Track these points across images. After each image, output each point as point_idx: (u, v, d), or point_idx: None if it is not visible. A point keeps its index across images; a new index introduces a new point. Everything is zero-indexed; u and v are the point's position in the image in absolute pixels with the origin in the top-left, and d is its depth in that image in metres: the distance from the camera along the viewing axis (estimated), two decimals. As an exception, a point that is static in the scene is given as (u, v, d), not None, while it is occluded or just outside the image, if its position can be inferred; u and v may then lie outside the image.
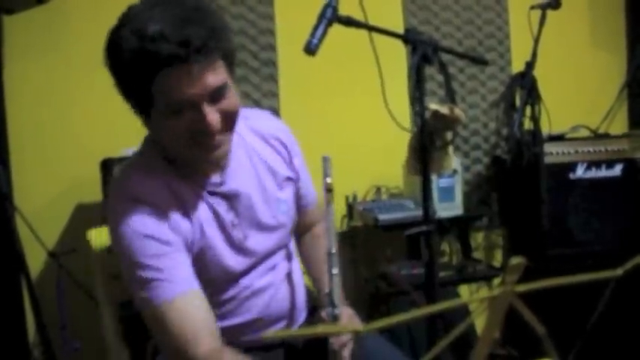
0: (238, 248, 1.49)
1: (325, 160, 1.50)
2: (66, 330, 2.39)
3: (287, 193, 1.61)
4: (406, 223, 2.50)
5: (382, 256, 3.02)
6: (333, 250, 1.50)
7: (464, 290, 3.21)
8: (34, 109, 2.61)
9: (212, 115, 1.30)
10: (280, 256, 1.62)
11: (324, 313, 1.54)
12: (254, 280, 1.54)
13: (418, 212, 1.80)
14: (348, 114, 3.03)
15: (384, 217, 2.72)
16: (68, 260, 2.40)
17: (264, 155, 1.57)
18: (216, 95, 1.30)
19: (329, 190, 1.50)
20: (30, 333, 2.47)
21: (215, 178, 1.46)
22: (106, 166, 2.33)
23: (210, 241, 1.44)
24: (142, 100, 1.31)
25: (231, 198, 1.47)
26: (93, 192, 2.45)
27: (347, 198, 2.93)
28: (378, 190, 3.01)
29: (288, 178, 1.61)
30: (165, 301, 1.31)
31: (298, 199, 1.69)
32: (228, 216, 1.47)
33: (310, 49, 1.57)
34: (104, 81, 1.31)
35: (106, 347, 2.09)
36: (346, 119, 3.03)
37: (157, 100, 1.28)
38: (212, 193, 1.45)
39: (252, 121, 1.59)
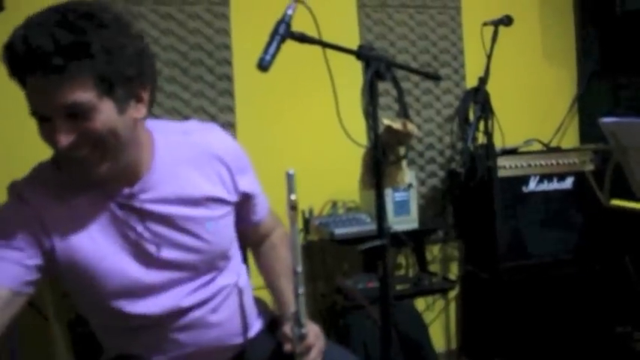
0: (149, 261, 1.45)
1: (289, 177, 1.39)
2: (15, 347, 2.34)
3: (217, 213, 1.53)
4: (362, 237, 2.51)
5: (338, 270, 3.02)
6: (299, 269, 1.44)
7: (420, 303, 3.23)
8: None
9: (62, 134, 1.23)
10: (217, 271, 1.57)
11: (287, 329, 1.53)
12: (180, 299, 1.50)
13: (374, 226, 1.81)
14: (304, 129, 3.04)
15: (340, 231, 2.72)
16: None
17: (193, 173, 1.50)
18: (73, 114, 1.23)
19: (293, 207, 1.40)
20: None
21: (125, 190, 1.41)
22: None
23: (105, 250, 1.40)
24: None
25: (140, 212, 1.43)
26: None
27: (303, 212, 2.93)
28: (335, 204, 3.01)
29: (221, 200, 1.54)
30: None
31: (250, 215, 1.67)
32: (137, 228, 1.43)
33: (263, 66, 1.57)
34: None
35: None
36: (302, 134, 3.04)
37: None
38: (120, 205, 1.41)
39: (193, 137, 1.53)
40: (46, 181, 1.40)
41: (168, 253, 1.46)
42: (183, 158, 1.49)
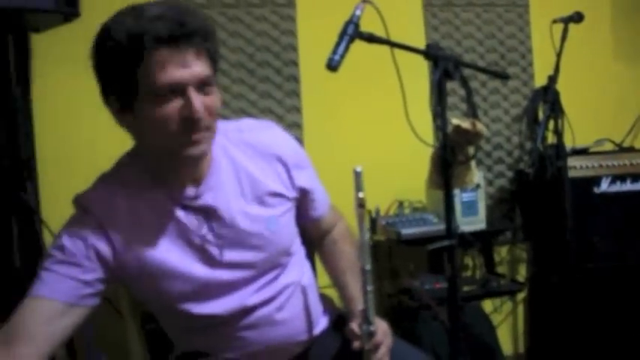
0: (213, 263, 1.47)
1: (357, 175, 1.41)
2: (91, 342, 2.41)
3: (278, 210, 1.55)
4: (429, 238, 2.50)
5: (404, 270, 3.01)
6: (368, 267, 1.46)
7: (487, 305, 3.19)
8: (61, 124, 2.65)
9: (198, 102, 1.30)
10: (280, 269, 1.58)
11: (355, 326, 1.52)
12: (245, 298, 1.52)
13: (441, 227, 1.81)
14: (371, 128, 3.04)
15: (406, 231, 2.72)
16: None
17: (253, 171, 1.51)
18: (202, 86, 1.32)
19: (361, 205, 1.42)
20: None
21: (190, 191, 1.43)
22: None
23: (170, 255, 1.43)
24: (125, 90, 1.31)
25: (205, 213, 1.45)
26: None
27: (370, 212, 2.93)
28: (401, 204, 3.01)
29: (281, 195, 1.55)
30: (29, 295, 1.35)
31: (310, 210, 1.67)
32: (200, 230, 1.45)
33: (332, 66, 1.58)
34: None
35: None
36: (369, 133, 3.04)
37: (142, 86, 1.29)
38: (185, 207, 1.44)
39: (247, 135, 1.55)
40: (111, 189, 1.43)
41: (231, 254, 1.48)
42: (241, 157, 1.51)
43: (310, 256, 1.80)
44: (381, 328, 1.54)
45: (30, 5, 2.12)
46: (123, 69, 1.29)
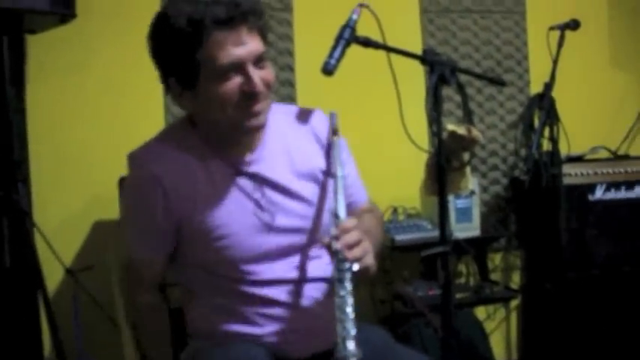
0: (265, 228, 1.54)
1: (332, 116, 1.71)
2: (81, 346, 2.40)
3: (311, 189, 1.62)
4: (423, 244, 2.49)
5: (398, 276, 3.00)
6: (339, 173, 1.55)
7: (480, 312, 3.18)
8: (55, 127, 2.63)
9: (257, 77, 1.42)
10: (319, 251, 1.60)
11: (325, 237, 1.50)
12: (287, 271, 1.56)
13: (435, 233, 1.79)
14: (366, 133, 3.03)
15: (400, 237, 2.71)
16: (85, 277, 2.41)
17: (305, 149, 1.64)
18: (258, 62, 1.43)
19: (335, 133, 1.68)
20: (46, 349, 2.47)
21: (246, 157, 1.54)
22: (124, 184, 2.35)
23: (226, 216, 1.51)
24: (187, 73, 1.42)
25: (258, 179, 1.54)
26: (111, 210, 2.45)
27: (364, 218, 2.92)
28: (395, 210, 3.00)
29: (326, 172, 1.64)
30: (136, 254, 1.60)
31: (348, 196, 1.65)
32: (254, 194, 1.54)
33: (328, 70, 1.57)
34: (124, 99, 1.33)
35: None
36: (364, 139, 3.02)
37: (204, 67, 1.40)
38: (241, 173, 1.53)
39: (297, 116, 1.69)
40: (171, 146, 1.52)
41: (282, 220, 1.55)
42: (293, 135, 1.64)
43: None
44: (349, 220, 1.50)
45: (26, 6, 2.12)
46: (184, 53, 1.39)
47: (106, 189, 2.47)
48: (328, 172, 1.65)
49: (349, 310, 1.40)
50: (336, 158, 1.60)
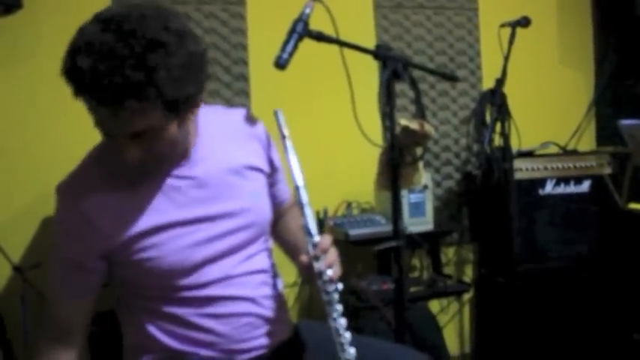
0: (203, 229, 1.48)
1: (277, 114, 1.60)
2: (30, 345, 2.35)
3: (258, 183, 1.60)
4: (377, 239, 2.50)
5: (352, 271, 3.01)
6: (300, 184, 1.51)
7: (434, 305, 3.21)
8: (1, 120, 2.57)
9: (129, 152, 1.30)
10: (262, 245, 1.60)
11: (303, 255, 1.50)
12: (229, 269, 1.51)
13: (389, 227, 1.80)
14: (320, 128, 3.03)
15: (354, 232, 2.72)
16: (33, 275, 2.36)
17: (233, 146, 1.57)
18: (137, 136, 1.28)
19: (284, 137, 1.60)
20: (-7, 348, 2.42)
21: (177, 165, 1.46)
22: (74, 179, 2.30)
23: (161, 224, 1.44)
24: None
25: (194, 180, 1.47)
26: (60, 205, 2.41)
27: (318, 213, 2.91)
28: (349, 205, 3.00)
29: (259, 169, 1.61)
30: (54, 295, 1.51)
31: (276, 191, 1.70)
32: (188, 193, 1.47)
33: (280, 64, 1.57)
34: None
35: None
36: (317, 134, 3.03)
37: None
38: (175, 177, 1.46)
39: (227, 116, 1.63)
40: (99, 172, 1.44)
41: (220, 223, 1.50)
42: (221, 134, 1.56)
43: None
44: (325, 238, 1.51)
45: (-32, -5, 2.07)
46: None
47: (54, 184, 2.41)
48: (258, 168, 1.61)
49: (347, 334, 1.44)
50: (294, 167, 1.55)
